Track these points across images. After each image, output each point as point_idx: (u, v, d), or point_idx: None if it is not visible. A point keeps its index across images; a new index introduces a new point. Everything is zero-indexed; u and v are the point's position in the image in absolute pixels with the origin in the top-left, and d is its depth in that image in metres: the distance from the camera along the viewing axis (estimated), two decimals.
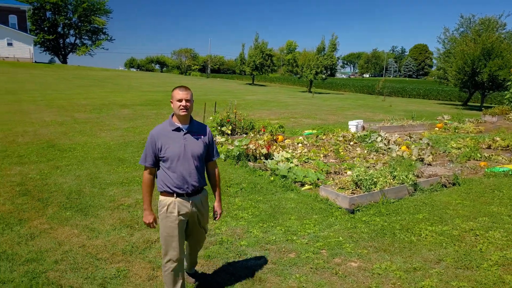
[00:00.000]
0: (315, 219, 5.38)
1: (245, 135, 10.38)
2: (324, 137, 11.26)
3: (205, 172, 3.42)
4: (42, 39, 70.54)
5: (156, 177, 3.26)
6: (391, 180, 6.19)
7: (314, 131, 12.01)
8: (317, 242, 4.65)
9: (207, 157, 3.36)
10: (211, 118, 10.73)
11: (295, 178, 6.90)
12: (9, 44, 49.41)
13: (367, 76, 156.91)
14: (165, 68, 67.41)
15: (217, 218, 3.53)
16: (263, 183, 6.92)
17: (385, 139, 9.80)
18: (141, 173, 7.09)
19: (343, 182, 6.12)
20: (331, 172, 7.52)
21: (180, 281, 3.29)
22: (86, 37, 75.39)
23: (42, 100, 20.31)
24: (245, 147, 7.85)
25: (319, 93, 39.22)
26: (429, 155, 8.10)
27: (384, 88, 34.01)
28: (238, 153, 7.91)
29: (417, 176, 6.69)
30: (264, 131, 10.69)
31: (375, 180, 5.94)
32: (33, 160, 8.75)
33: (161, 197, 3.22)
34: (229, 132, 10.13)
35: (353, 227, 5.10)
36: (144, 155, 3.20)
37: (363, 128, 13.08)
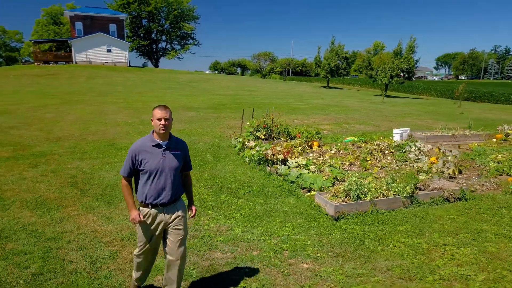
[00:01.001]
0: (298, 223, 5.80)
1: (279, 140, 10.92)
2: (362, 145, 11.33)
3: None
4: (138, 45, 77.40)
5: (137, 188, 3.68)
6: (387, 191, 6.32)
7: (355, 138, 12.07)
8: (285, 243, 5.11)
9: (183, 169, 3.72)
10: (248, 123, 11.41)
11: (302, 184, 7.32)
12: (108, 50, 55.23)
13: (463, 78, 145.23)
14: (246, 72, 69.92)
15: (191, 216, 3.83)
16: (272, 187, 7.45)
17: (418, 149, 9.62)
18: None
19: (336, 191, 6.41)
20: (343, 180, 7.76)
21: (140, 272, 3.91)
22: (176, 42, 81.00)
23: (123, 102, 22.76)
24: (264, 152, 8.42)
25: (395, 97, 37.77)
26: (449, 168, 7.89)
27: (465, 93, 31.70)
28: (258, 157, 8.51)
29: (419, 189, 6.68)
30: (299, 137, 11.11)
31: (366, 190, 6.14)
32: (92, 156, 10.25)
33: (140, 207, 3.64)
34: (263, 137, 10.73)
35: (328, 233, 5.44)
36: (124, 166, 3.58)
37: (410, 136, 12.78)
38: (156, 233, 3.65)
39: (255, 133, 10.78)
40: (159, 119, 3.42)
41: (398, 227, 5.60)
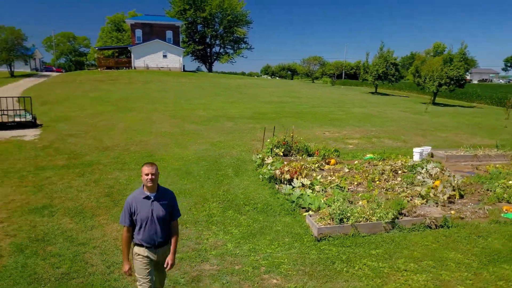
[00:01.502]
0: (284, 241, 6.65)
1: (296, 157, 11.71)
2: (379, 163, 11.81)
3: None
4: (193, 49, 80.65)
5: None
6: (370, 216, 6.96)
7: (374, 156, 12.54)
8: (265, 260, 5.99)
9: (170, 217, 4.25)
10: (268, 140, 12.30)
11: (301, 204, 8.12)
12: (164, 56, 58.38)
13: None
14: (296, 75, 70.66)
15: (167, 269, 4.28)
16: (274, 205, 8.32)
17: (426, 171, 9.99)
18: (191, 186, 9.21)
19: (324, 213, 7.15)
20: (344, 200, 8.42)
21: None
22: (229, 47, 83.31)
23: (171, 111, 24.51)
24: (273, 171, 9.31)
25: (444, 105, 36.65)
26: (445, 194, 8.28)
27: None
28: (268, 176, 9.41)
29: (404, 215, 7.23)
30: (317, 154, 11.83)
31: (349, 214, 6.83)
32: (130, 167, 11.68)
33: (135, 247, 4.23)
34: (281, 153, 11.57)
35: (307, 252, 6.24)
36: (123, 216, 4.17)
37: (431, 155, 13.00)
38: (150, 269, 4.24)
39: (274, 149, 11.66)
40: (147, 174, 4.05)
41: (371, 250, 6.26)
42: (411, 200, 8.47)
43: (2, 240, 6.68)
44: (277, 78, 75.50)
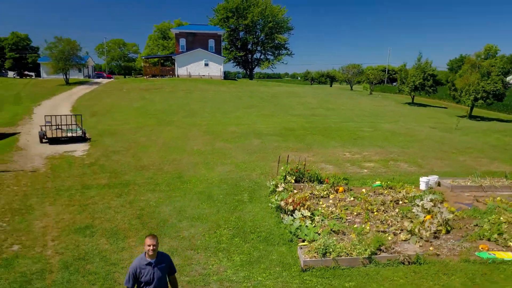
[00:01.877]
0: (275, 270, 7.95)
1: (309, 184, 12.92)
2: (384, 191, 12.77)
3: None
4: (235, 56, 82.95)
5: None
6: (351, 251, 8.11)
7: (382, 183, 13.47)
8: (255, 287, 7.33)
9: (169, 274, 5.47)
10: (282, 168, 13.55)
11: (299, 235, 9.37)
12: (206, 65, 60.89)
13: None
14: (335, 81, 71.03)
15: None
16: (276, 235, 9.63)
17: (422, 205, 10.87)
18: (209, 211, 10.64)
19: (311, 247, 8.36)
20: (338, 232, 9.58)
21: None
22: (270, 53, 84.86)
23: (206, 125, 26.30)
24: (279, 202, 10.60)
25: (480, 119, 36.01)
26: (428, 231, 9.20)
27: None
28: (275, 205, 10.73)
29: (382, 250, 8.29)
30: (327, 182, 12.97)
31: (331, 250, 8.01)
32: (162, 189, 13.37)
33: None
34: (293, 181, 12.82)
35: (290, 281, 7.51)
36: (127, 280, 5.27)
37: (438, 184, 13.73)
38: None
39: (287, 177, 12.93)
40: (149, 245, 5.18)
41: (346, 283, 7.44)
42: (399, 233, 9.48)
43: (53, 257, 8.47)
44: (316, 84, 76.13)
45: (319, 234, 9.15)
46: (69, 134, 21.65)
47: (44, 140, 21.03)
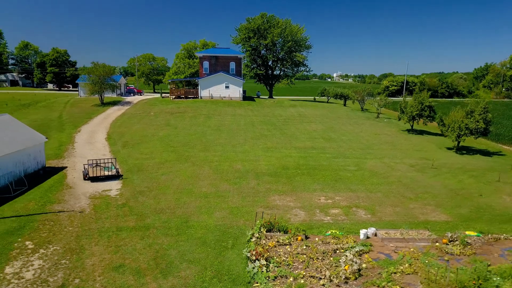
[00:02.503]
0: None
1: (277, 233, 17.88)
2: (331, 241, 17.57)
3: None
4: (256, 73, 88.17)
5: None
6: None
7: (332, 232, 18.24)
8: None
9: None
10: (257, 222, 18.53)
11: (255, 279, 14.39)
12: (226, 87, 66.46)
13: None
14: (348, 100, 75.16)
15: None
16: (242, 277, 14.65)
17: (347, 256, 15.62)
18: (200, 256, 15.82)
19: None
20: (285, 277, 14.50)
21: None
22: (289, 70, 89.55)
23: (217, 161, 31.56)
24: (247, 253, 15.64)
25: (469, 149, 39.60)
26: (338, 278, 13.99)
27: None
28: (245, 255, 15.78)
29: None
30: (290, 232, 17.91)
31: None
32: (172, 233, 18.65)
33: None
34: (265, 231, 17.79)
35: None
36: None
37: (375, 234, 18.39)
38: None
39: (261, 228, 17.93)
40: None
41: None
42: (322, 278, 14.32)
43: None
44: (333, 100, 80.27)
45: (268, 278, 14.15)
46: (106, 173, 27.41)
47: (86, 178, 26.82)
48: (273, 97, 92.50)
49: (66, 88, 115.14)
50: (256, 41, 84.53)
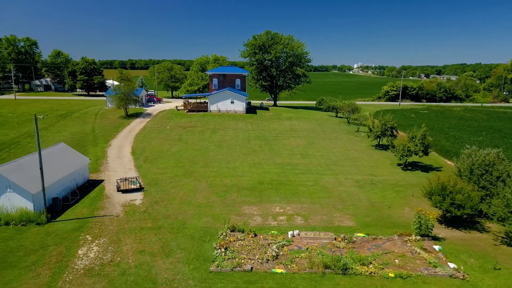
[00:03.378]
0: (201, 268, 24.35)
1: (238, 232, 29.09)
2: (270, 238, 28.73)
3: None
4: (261, 84, 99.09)
5: None
6: (227, 266, 24.34)
7: (274, 232, 29.29)
8: (168, 271, 23.81)
9: None
10: (225, 225, 29.64)
11: (216, 260, 25.70)
12: (232, 102, 77.69)
13: None
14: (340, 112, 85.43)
15: None
16: (210, 258, 25.96)
17: (273, 248, 26.70)
18: (185, 246, 27.41)
19: (215, 264, 24.62)
20: (233, 258, 25.72)
21: None
22: (291, 82, 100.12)
23: (213, 177, 42.79)
24: (215, 244, 26.91)
25: (416, 165, 49.75)
26: (260, 259, 25.10)
27: None
28: (214, 246, 27.12)
29: (240, 266, 24.41)
30: (245, 232, 29.09)
31: (221, 266, 24.26)
32: (173, 231, 30.13)
33: None
34: (229, 231, 28.95)
35: (204, 275, 23.89)
36: None
37: (299, 234, 29.41)
38: None
39: (227, 230, 29.08)
40: None
41: (220, 280, 23.70)
42: (254, 260, 25.40)
43: (132, 262, 25.37)
44: (330, 110, 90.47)
45: (223, 259, 25.42)
46: (132, 186, 39.15)
47: (118, 190, 38.55)
48: (277, 105, 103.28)
49: (93, 93, 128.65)
50: (261, 56, 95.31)
